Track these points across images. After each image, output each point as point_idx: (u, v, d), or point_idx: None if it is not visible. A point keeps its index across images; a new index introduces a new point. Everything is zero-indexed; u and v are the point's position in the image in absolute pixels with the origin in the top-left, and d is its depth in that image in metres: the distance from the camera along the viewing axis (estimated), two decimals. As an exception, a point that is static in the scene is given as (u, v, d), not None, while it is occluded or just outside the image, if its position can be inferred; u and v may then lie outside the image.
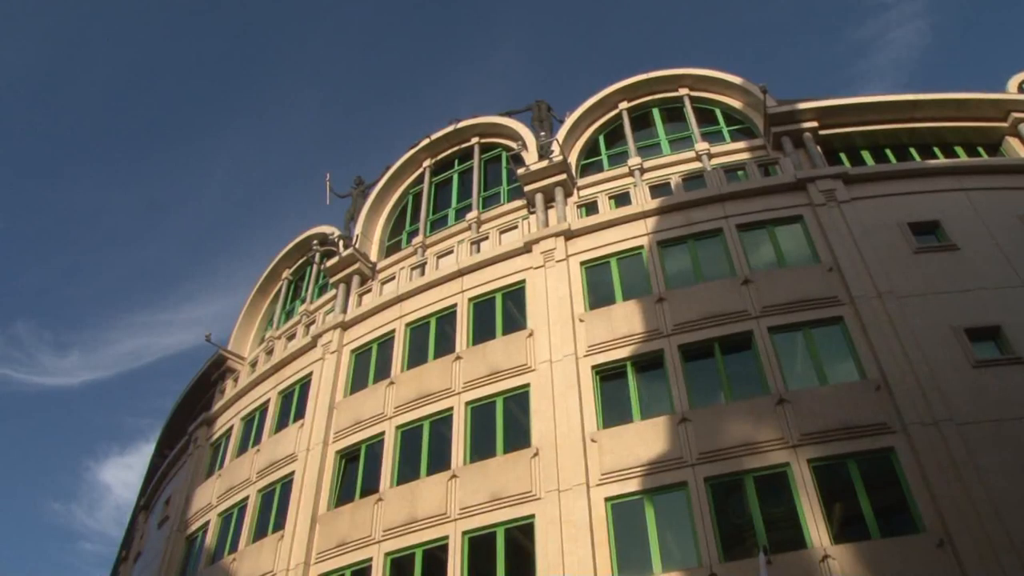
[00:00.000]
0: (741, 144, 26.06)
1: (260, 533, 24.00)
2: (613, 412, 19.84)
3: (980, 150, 25.39)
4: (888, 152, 25.46)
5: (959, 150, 25.39)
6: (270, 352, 29.52)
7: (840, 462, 17.44)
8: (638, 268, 22.66)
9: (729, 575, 16.32)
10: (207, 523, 26.84)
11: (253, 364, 30.26)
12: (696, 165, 25.53)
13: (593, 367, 20.66)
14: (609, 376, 20.62)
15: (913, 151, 25.36)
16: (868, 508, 16.75)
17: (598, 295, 22.56)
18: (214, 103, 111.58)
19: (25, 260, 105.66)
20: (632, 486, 18.24)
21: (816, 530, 16.48)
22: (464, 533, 19.23)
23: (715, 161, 25.44)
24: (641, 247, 22.99)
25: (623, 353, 20.63)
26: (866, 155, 25.57)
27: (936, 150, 25.35)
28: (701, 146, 25.94)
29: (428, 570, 19.42)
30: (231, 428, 29.00)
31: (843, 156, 25.40)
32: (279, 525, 23.19)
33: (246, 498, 25.43)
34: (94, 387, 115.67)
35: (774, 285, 20.76)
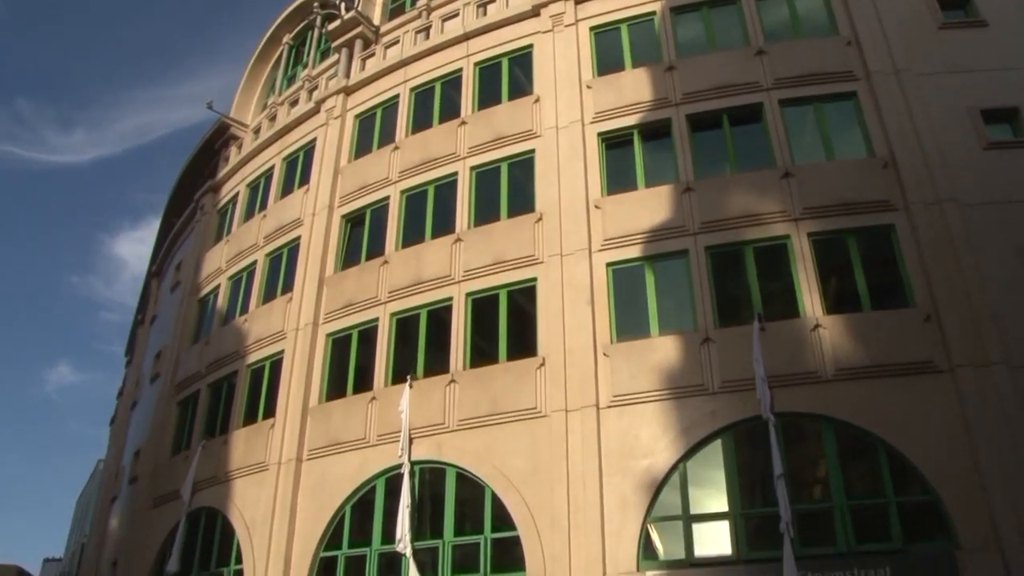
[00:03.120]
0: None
1: (269, 295, 24.73)
2: (618, 179, 19.79)
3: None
4: (925, -84, 23.76)
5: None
6: (273, 118, 29.14)
7: (840, 237, 17.59)
8: (649, 35, 21.81)
9: (723, 340, 16.91)
10: (217, 286, 27.60)
11: (256, 131, 29.97)
12: (718, -73, 23.99)
13: (599, 134, 20.41)
14: (615, 144, 20.40)
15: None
16: (862, 282, 17.07)
17: (607, 62, 21.83)
18: None
19: (24, 37, 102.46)
20: (633, 252, 18.54)
21: (810, 301, 16.90)
22: (468, 295, 19.77)
23: (738, -77, 23.88)
24: (653, 13, 22.00)
25: (630, 121, 20.31)
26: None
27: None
28: (724, -95, 24.27)
29: (432, 330, 20.16)
30: (237, 195, 29.18)
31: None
32: (287, 287, 23.85)
33: (254, 262, 26.01)
34: (102, 164, 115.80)
35: (789, 57, 20.06)
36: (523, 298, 19.29)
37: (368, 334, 21.17)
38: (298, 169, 26.44)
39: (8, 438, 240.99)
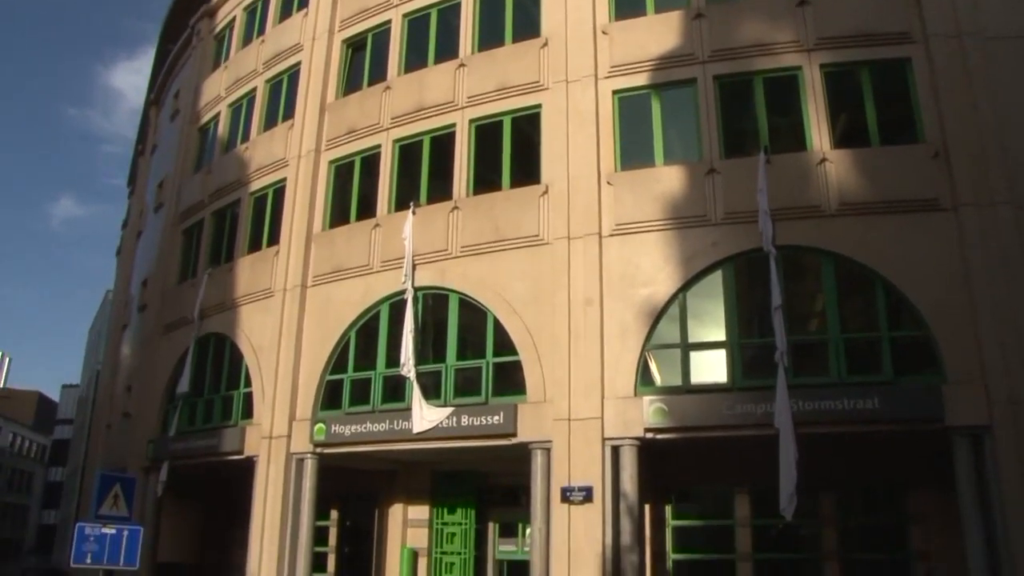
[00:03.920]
0: None
1: (270, 123, 24.42)
2: (626, 4, 18.95)
3: None
4: None
5: None
6: (269, -63, 27.77)
7: (853, 69, 17.14)
8: None
9: (728, 171, 16.78)
10: (217, 114, 27.20)
11: (252, -50, 28.64)
12: None
13: (608, -43, 19.45)
14: (624, -34, 19.51)
15: None
16: (873, 117, 16.77)
17: None
18: None
19: None
20: (640, 80, 18.10)
21: (818, 135, 16.67)
22: (471, 121, 19.48)
23: None
24: None
25: (641, -57, 19.32)
26: None
27: None
28: None
29: (435, 157, 20.01)
30: (233, 19, 28.27)
31: None
32: (288, 114, 23.49)
33: (254, 89, 25.53)
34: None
35: None
36: (527, 125, 19.01)
37: (371, 161, 21.02)
38: (296, -10, 25.45)
39: (18, 271, 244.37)
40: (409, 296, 18.43)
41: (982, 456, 14.22)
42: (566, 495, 15.81)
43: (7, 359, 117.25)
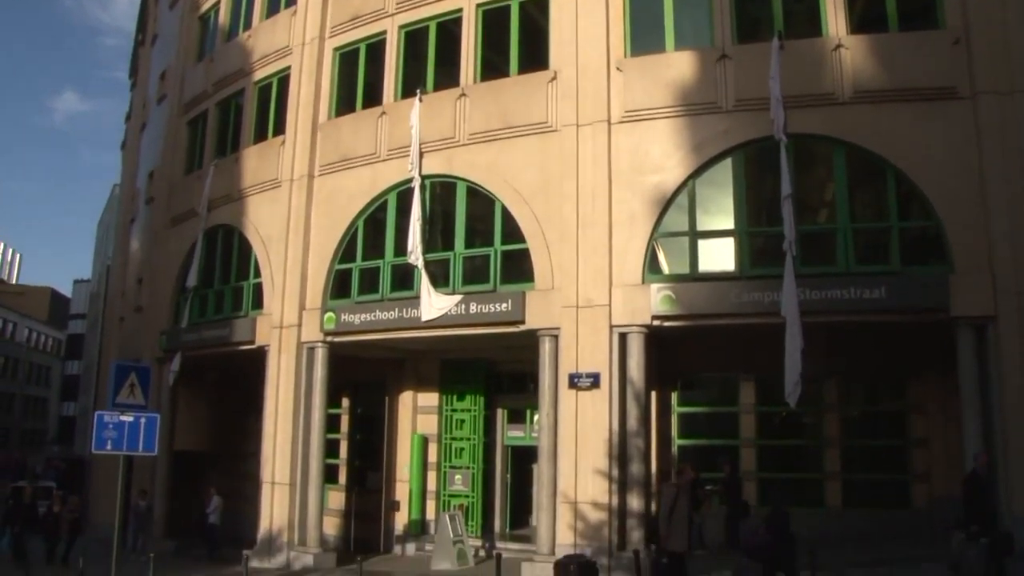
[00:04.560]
0: None
1: (272, 9, 23.82)
2: None
3: None
4: None
5: None
6: None
7: (874, -50, 16.57)
8: None
9: (740, 57, 16.42)
10: (218, 1, 26.50)
11: None
12: None
13: None
14: None
15: None
16: (892, 1, 16.21)
17: None
18: None
19: None
20: (652, -38, 17.56)
21: (834, 19, 16.25)
22: (478, 6, 18.93)
23: None
24: None
25: None
26: None
27: None
28: None
29: (442, 43, 19.56)
30: (231, -100, 27.23)
31: None
32: (290, 1, 22.87)
33: (255, -26, 24.79)
34: None
35: None
36: (535, 10, 18.52)
37: (376, 48, 20.56)
38: None
39: (25, 169, 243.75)
40: (416, 184, 18.34)
41: (985, 346, 14.39)
42: (574, 381, 16.05)
43: (18, 256, 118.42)
